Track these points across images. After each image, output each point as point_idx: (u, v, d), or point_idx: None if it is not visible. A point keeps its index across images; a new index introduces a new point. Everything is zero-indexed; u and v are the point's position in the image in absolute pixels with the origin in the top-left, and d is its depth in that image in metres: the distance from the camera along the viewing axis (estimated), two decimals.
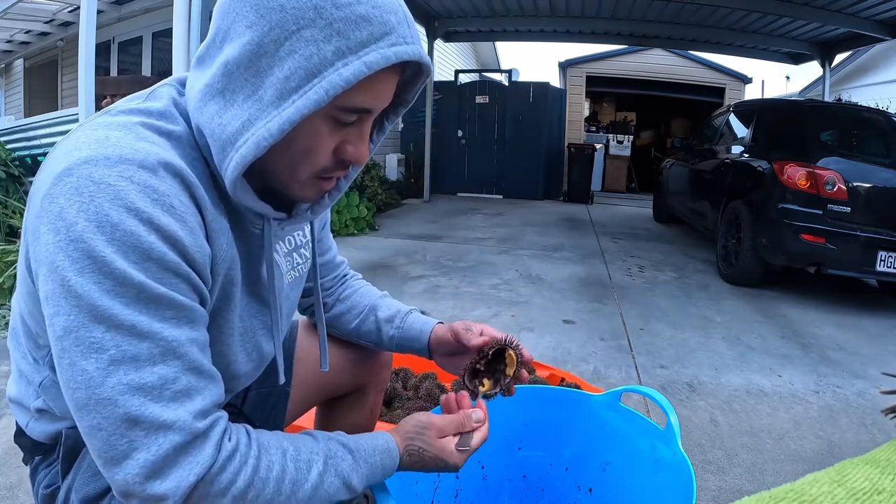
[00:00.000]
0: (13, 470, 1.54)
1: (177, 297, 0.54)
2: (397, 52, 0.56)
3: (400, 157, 8.97)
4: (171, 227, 0.53)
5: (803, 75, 16.16)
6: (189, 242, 0.55)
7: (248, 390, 0.97)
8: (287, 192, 0.65)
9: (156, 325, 0.53)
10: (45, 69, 9.36)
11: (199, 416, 0.55)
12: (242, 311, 0.71)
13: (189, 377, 0.55)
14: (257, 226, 0.69)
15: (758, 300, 3.83)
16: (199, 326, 0.58)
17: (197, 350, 0.56)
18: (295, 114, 0.54)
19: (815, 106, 4.96)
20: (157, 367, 0.52)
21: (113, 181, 0.51)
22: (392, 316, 0.99)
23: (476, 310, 3.26)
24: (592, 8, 7.22)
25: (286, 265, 0.80)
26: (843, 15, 6.07)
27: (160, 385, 0.52)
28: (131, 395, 0.51)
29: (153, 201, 0.52)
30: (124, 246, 0.51)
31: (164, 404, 0.52)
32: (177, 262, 0.54)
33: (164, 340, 0.53)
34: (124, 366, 0.51)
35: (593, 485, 1.10)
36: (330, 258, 1.01)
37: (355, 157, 0.63)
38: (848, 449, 1.94)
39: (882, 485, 0.54)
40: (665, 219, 7.11)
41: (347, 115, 0.59)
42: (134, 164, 0.52)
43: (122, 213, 0.51)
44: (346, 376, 1.07)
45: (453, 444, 0.76)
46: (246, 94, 0.56)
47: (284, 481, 0.60)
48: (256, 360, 0.77)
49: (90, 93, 3.41)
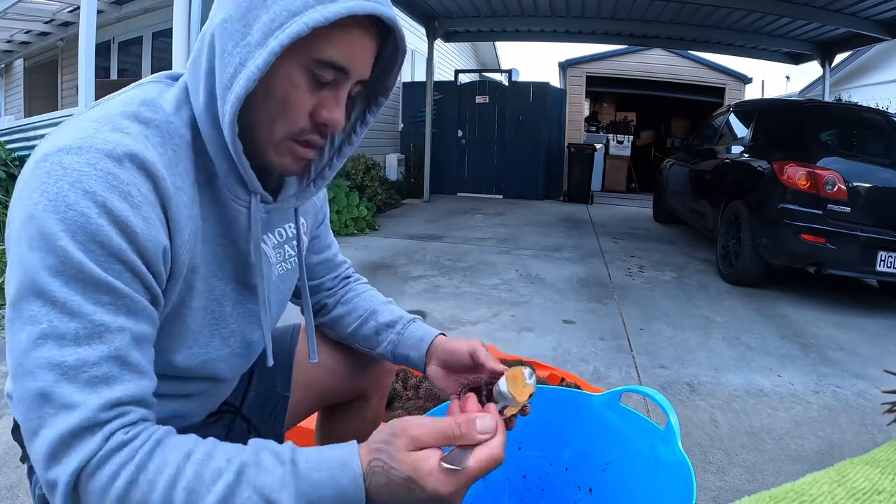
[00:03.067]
0: (13, 470, 1.54)
1: (116, 284, 0.55)
2: (374, 7, 0.60)
3: (400, 157, 8.97)
4: (123, 213, 0.55)
5: (803, 75, 16.17)
6: (141, 230, 0.56)
7: (247, 391, 0.97)
8: (265, 157, 0.67)
9: (87, 306, 0.53)
10: (45, 69, 9.36)
11: (107, 406, 0.52)
12: (222, 296, 0.71)
13: (111, 365, 0.54)
14: (243, 203, 0.70)
15: (758, 300, 3.83)
16: (138, 319, 0.57)
17: (128, 340, 0.55)
18: (277, 45, 0.57)
19: (815, 106, 4.95)
20: (82, 348, 0.52)
21: (78, 167, 0.54)
22: (394, 321, 0.97)
23: (476, 310, 3.26)
24: (592, 8, 7.22)
25: (275, 256, 0.81)
26: (843, 15, 6.07)
27: (77, 366, 0.52)
28: (49, 370, 0.52)
29: (111, 187, 0.54)
30: (73, 226, 0.53)
31: (77, 386, 0.52)
32: (122, 249, 0.55)
33: (91, 323, 0.53)
34: (50, 341, 0.52)
35: (593, 485, 1.10)
36: (329, 256, 1.00)
37: (329, 120, 0.65)
38: (848, 449, 1.94)
39: (882, 485, 0.54)
40: (665, 219, 7.11)
41: (325, 71, 0.62)
42: (102, 152, 0.55)
43: (77, 195, 0.53)
44: (347, 382, 1.06)
45: (434, 461, 0.54)
46: (235, 41, 0.60)
47: (177, 487, 0.50)
48: (237, 347, 0.76)
49: (90, 93, 3.41)
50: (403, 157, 9.04)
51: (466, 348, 0.88)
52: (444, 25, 8.18)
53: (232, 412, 0.92)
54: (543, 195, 9.25)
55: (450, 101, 9.11)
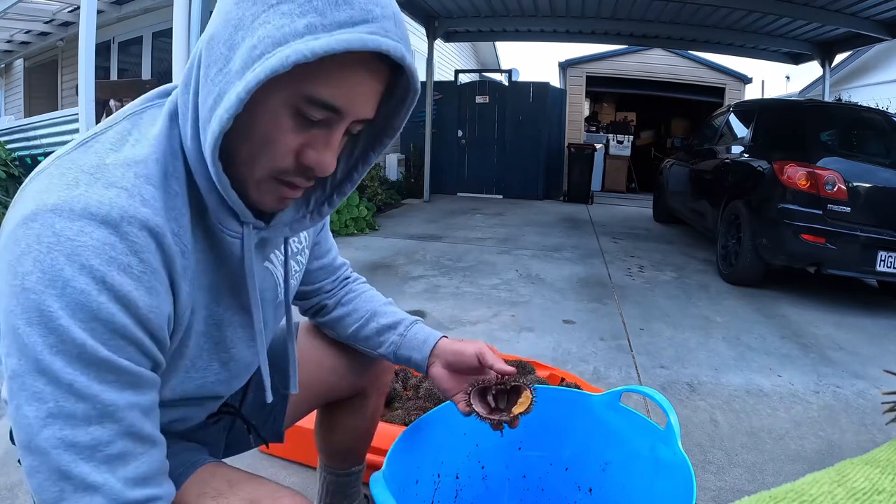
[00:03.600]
0: (13, 470, 1.54)
1: (120, 363, 0.53)
2: (376, 42, 0.52)
3: (400, 157, 8.97)
4: (124, 287, 0.52)
5: (803, 75, 16.15)
6: (143, 303, 0.54)
7: (246, 391, 0.97)
8: (245, 189, 0.61)
9: (95, 386, 0.52)
10: (45, 69, 9.36)
11: (131, 483, 0.53)
12: (222, 321, 0.69)
13: (125, 441, 0.54)
14: (236, 234, 0.66)
15: (758, 300, 3.83)
16: (144, 391, 0.56)
17: (138, 415, 0.55)
18: (253, 80, 0.51)
19: (815, 106, 4.95)
20: (93, 427, 0.52)
21: (72, 235, 0.51)
22: (396, 322, 0.97)
23: (476, 310, 3.26)
24: (592, 8, 7.22)
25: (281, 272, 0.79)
26: (843, 15, 6.07)
27: (93, 446, 0.52)
28: (63, 450, 0.51)
29: (109, 259, 0.51)
30: (73, 304, 0.50)
31: (94, 465, 0.52)
32: (125, 325, 0.53)
33: (101, 403, 0.52)
34: (60, 421, 0.51)
35: (593, 485, 1.10)
36: (329, 260, 0.99)
37: (316, 163, 0.58)
38: (848, 449, 1.94)
39: (882, 485, 0.54)
40: (665, 219, 7.10)
41: (312, 110, 0.56)
42: (97, 219, 0.52)
43: (75, 271, 0.50)
44: (346, 380, 1.06)
45: None
46: (217, 67, 0.54)
47: None
48: (235, 370, 0.75)
49: (90, 93, 3.41)
50: (403, 157, 9.04)
51: (473, 350, 0.89)
52: (444, 25, 8.18)
53: (232, 413, 0.92)
54: (543, 195, 9.25)
55: (450, 101, 9.11)
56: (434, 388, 1.84)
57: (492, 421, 0.85)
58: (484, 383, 0.86)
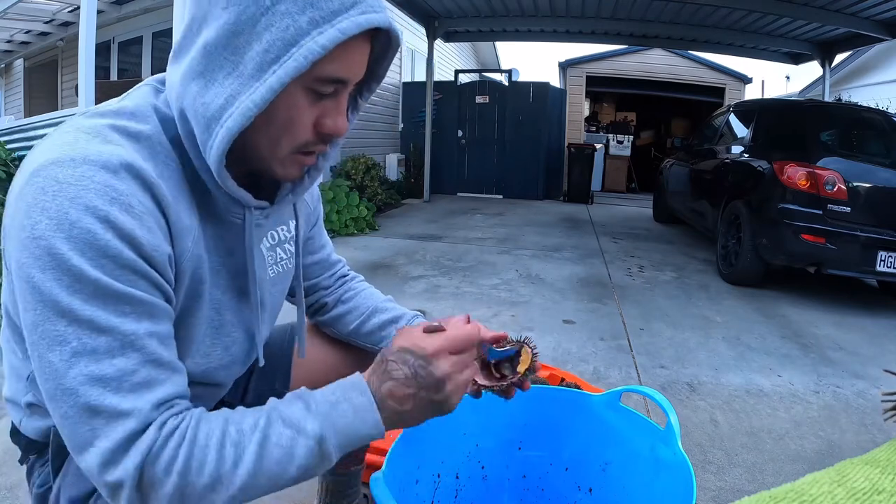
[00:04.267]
0: (13, 470, 1.54)
1: (134, 293, 0.55)
2: (368, 20, 0.58)
3: (400, 157, 8.97)
4: (127, 225, 0.55)
5: (803, 75, 16.17)
6: (146, 241, 0.56)
7: (246, 390, 0.97)
8: (270, 170, 0.66)
9: (114, 319, 0.54)
10: (45, 69, 9.36)
11: (157, 405, 0.56)
12: (221, 305, 0.71)
13: (149, 369, 0.56)
14: (238, 215, 0.70)
15: (758, 300, 3.83)
16: (160, 320, 0.58)
17: (157, 343, 0.57)
18: (276, 82, 0.56)
19: (815, 106, 4.95)
20: (117, 359, 0.54)
21: (75, 181, 0.53)
22: (398, 317, 0.98)
23: (476, 310, 3.26)
24: (592, 8, 7.22)
25: (269, 259, 0.81)
26: (843, 15, 6.07)
27: (119, 377, 0.54)
28: (91, 385, 0.53)
29: (111, 200, 0.54)
30: (81, 243, 0.52)
31: (122, 395, 0.54)
32: (133, 259, 0.55)
33: (121, 334, 0.54)
34: (85, 357, 0.53)
35: (593, 485, 1.10)
36: (324, 256, 1.00)
37: (334, 129, 0.64)
38: (848, 449, 1.94)
39: (882, 485, 0.54)
40: (665, 219, 7.11)
41: (325, 86, 0.61)
42: (97, 164, 0.55)
43: (80, 212, 0.53)
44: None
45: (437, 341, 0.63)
46: (226, 71, 0.57)
47: (225, 445, 0.57)
48: (237, 354, 0.77)
49: (90, 93, 3.41)
50: (403, 157, 9.04)
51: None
52: (444, 25, 8.18)
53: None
54: (543, 195, 9.25)
55: (450, 101, 9.11)
56: None
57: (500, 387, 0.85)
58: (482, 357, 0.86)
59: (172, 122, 0.63)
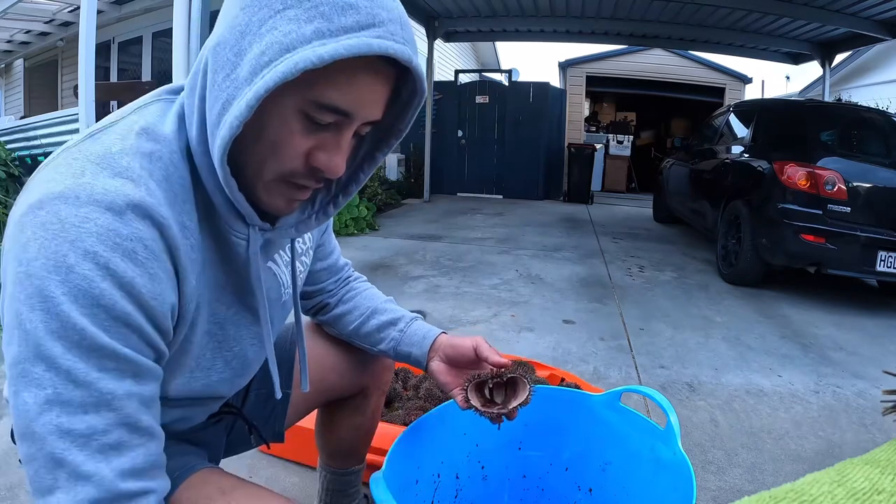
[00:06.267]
0: (13, 470, 1.54)
1: (121, 350, 0.53)
2: (382, 46, 0.53)
3: (400, 157, 8.97)
4: (128, 274, 0.52)
5: (803, 75, 16.13)
6: (147, 290, 0.54)
7: (248, 391, 0.97)
8: (255, 194, 0.62)
9: (93, 374, 0.52)
10: (45, 69, 9.36)
11: (125, 474, 0.53)
12: (225, 320, 0.69)
13: (121, 432, 0.53)
14: (242, 235, 0.66)
15: (758, 300, 3.83)
16: (144, 381, 0.56)
17: (136, 405, 0.55)
18: (262, 88, 0.52)
19: (815, 106, 4.95)
20: (89, 416, 0.52)
21: (78, 222, 0.51)
22: (396, 319, 0.98)
23: (476, 310, 3.26)
24: (592, 8, 7.22)
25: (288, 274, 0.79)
26: (843, 15, 6.07)
27: (88, 434, 0.51)
28: (59, 437, 0.51)
29: (114, 245, 0.52)
30: (75, 290, 0.50)
31: (88, 454, 0.51)
32: (127, 312, 0.53)
33: (98, 392, 0.52)
34: (57, 407, 0.51)
35: (593, 485, 1.10)
36: (332, 262, 1.00)
37: (326, 166, 0.59)
38: (848, 449, 1.94)
39: (882, 485, 0.54)
40: (665, 219, 7.11)
41: (322, 114, 0.56)
42: (102, 205, 0.52)
43: (79, 257, 0.50)
44: (347, 379, 1.06)
45: None
46: (225, 73, 0.55)
47: None
48: (238, 368, 0.76)
49: (90, 93, 3.41)
50: (403, 157, 9.04)
51: (470, 343, 0.90)
52: (444, 25, 8.18)
53: (233, 413, 0.92)
54: (543, 195, 9.25)
55: (450, 101, 9.11)
56: (433, 382, 1.84)
57: (490, 414, 0.85)
58: (480, 377, 0.86)
59: (183, 135, 0.61)
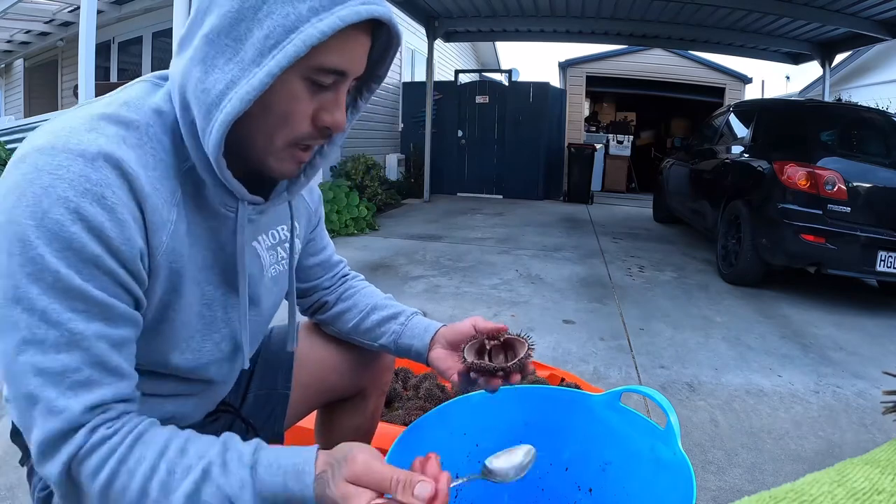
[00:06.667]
0: (13, 470, 1.54)
1: (91, 292, 0.56)
2: (369, 10, 0.59)
3: (400, 157, 8.97)
4: (97, 218, 0.55)
5: (803, 75, 16.14)
6: (115, 234, 0.56)
7: (246, 392, 0.97)
8: (265, 165, 0.66)
9: (65, 314, 0.55)
10: (45, 69, 9.36)
11: (90, 409, 0.56)
12: (212, 301, 0.71)
13: (91, 370, 0.56)
14: (231, 209, 0.69)
15: (758, 300, 3.83)
16: (115, 324, 0.58)
17: (105, 346, 0.57)
18: (276, 66, 0.56)
19: (815, 106, 4.95)
20: (62, 354, 0.55)
21: (51, 170, 0.54)
22: (397, 313, 0.98)
23: (476, 310, 3.26)
24: (592, 8, 7.22)
25: (269, 258, 0.80)
26: (843, 15, 6.07)
27: (61, 371, 0.55)
28: (34, 375, 0.54)
29: (84, 191, 0.55)
30: (49, 233, 0.53)
31: (60, 391, 0.55)
32: (97, 255, 0.55)
33: (69, 331, 0.55)
34: (32, 347, 0.54)
35: (593, 485, 1.10)
36: (325, 258, 1.00)
37: (332, 123, 0.64)
38: (848, 449, 1.94)
39: (882, 485, 0.54)
40: (665, 219, 7.11)
41: (324, 77, 0.61)
42: (74, 153, 0.55)
43: (52, 202, 0.54)
44: (347, 379, 1.06)
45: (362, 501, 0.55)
46: (227, 57, 0.58)
47: (152, 480, 0.56)
48: (227, 351, 0.76)
49: (90, 93, 3.41)
50: (403, 157, 9.04)
51: (469, 322, 0.91)
52: (444, 25, 8.18)
53: (231, 412, 0.92)
54: (543, 195, 9.25)
55: (450, 101, 9.11)
56: (434, 381, 1.85)
57: (489, 368, 0.84)
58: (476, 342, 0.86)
59: (169, 113, 0.64)
